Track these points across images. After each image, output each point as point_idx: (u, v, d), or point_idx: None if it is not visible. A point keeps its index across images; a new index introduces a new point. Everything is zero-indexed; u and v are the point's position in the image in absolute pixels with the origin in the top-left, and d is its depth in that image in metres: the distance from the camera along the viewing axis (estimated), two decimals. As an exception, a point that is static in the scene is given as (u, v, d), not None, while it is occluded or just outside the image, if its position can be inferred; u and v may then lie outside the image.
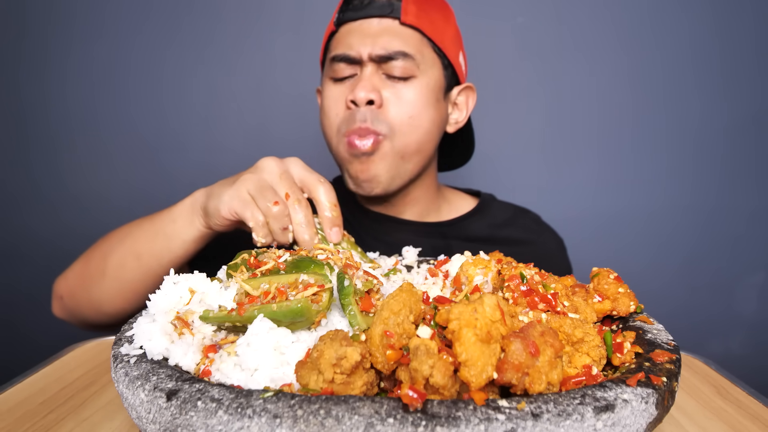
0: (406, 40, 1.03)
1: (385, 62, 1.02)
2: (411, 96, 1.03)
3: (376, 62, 1.02)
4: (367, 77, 1.02)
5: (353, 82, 1.04)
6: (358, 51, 1.02)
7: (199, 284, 0.59)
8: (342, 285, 0.55)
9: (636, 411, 0.43)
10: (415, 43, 1.03)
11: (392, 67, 1.02)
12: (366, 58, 1.02)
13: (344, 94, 1.04)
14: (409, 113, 1.03)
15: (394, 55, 1.01)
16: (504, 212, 1.24)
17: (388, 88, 1.03)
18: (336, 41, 1.07)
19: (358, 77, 1.04)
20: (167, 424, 0.42)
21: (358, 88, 1.00)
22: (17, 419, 0.63)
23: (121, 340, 0.55)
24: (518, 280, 0.58)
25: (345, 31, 1.05)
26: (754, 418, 0.66)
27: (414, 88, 1.03)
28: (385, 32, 1.02)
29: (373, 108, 1.01)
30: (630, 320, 0.64)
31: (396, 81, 1.03)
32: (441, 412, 0.40)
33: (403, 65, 1.02)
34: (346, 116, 1.03)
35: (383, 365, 0.45)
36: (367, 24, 1.03)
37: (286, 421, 0.39)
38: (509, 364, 0.42)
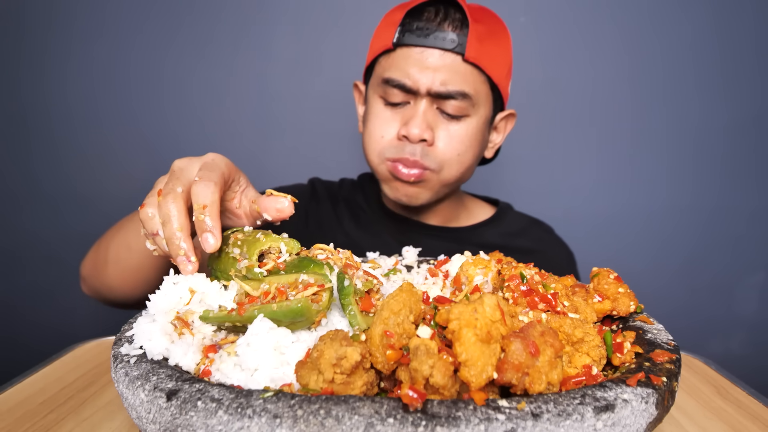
0: (466, 78, 1.01)
1: (442, 99, 1.01)
2: (462, 135, 1.04)
3: (432, 96, 1.02)
4: (421, 113, 1.02)
5: (406, 112, 1.04)
6: (416, 82, 1.00)
7: (199, 284, 0.59)
8: (342, 285, 0.55)
9: (636, 411, 0.43)
10: (473, 81, 1.02)
11: (448, 105, 1.02)
12: (423, 92, 1.01)
13: (395, 121, 1.05)
14: (458, 151, 1.05)
15: (453, 94, 1.00)
16: (518, 222, 1.28)
17: (440, 126, 1.04)
18: (392, 63, 1.04)
19: (411, 109, 1.04)
20: (167, 424, 0.42)
21: (413, 125, 1.01)
22: (17, 419, 0.63)
23: (121, 340, 0.55)
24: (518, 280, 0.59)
25: (404, 55, 1.02)
26: (754, 418, 0.67)
27: (466, 127, 1.04)
28: (446, 68, 1.00)
29: (424, 145, 1.03)
30: (630, 320, 0.64)
31: (448, 119, 1.04)
32: (441, 412, 0.40)
33: (459, 105, 1.02)
34: (395, 144, 1.05)
35: (383, 365, 0.45)
36: (428, 54, 1.00)
37: (286, 421, 0.39)
38: (509, 364, 0.42)
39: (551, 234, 1.31)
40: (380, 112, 1.07)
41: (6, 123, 1.70)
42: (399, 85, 1.02)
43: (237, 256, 0.60)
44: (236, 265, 0.59)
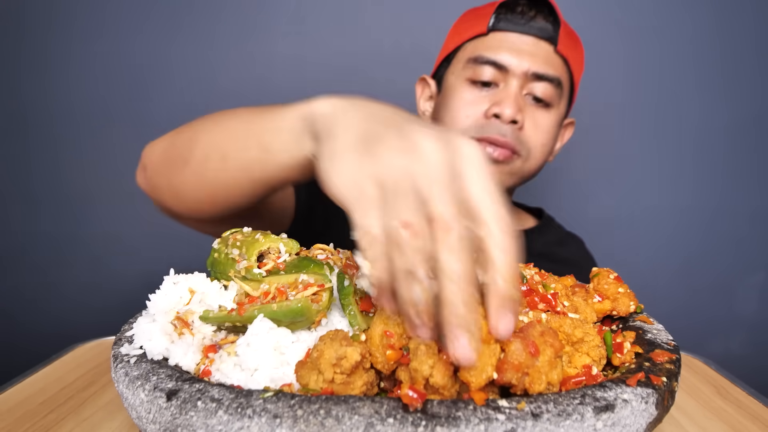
0: (558, 68, 1.03)
1: (534, 81, 1.01)
2: (547, 124, 1.04)
3: (523, 79, 1.01)
4: (514, 94, 1.00)
5: (495, 93, 1.02)
6: (510, 62, 1.00)
7: (199, 284, 0.59)
8: (342, 285, 0.55)
9: (636, 411, 0.43)
10: (563, 73, 1.05)
11: (539, 89, 1.02)
12: (518, 72, 1.00)
13: (482, 101, 1.03)
14: (543, 141, 1.05)
15: (549, 77, 1.01)
16: (558, 233, 1.30)
17: (528, 112, 1.03)
18: (485, 45, 1.04)
19: (501, 90, 1.02)
20: (167, 424, 0.43)
21: (506, 105, 0.99)
22: (17, 419, 0.63)
23: (121, 340, 0.55)
24: (518, 280, 0.58)
25: (498, 38, 1.03)
26: (754, 418, 0.67)
27: (550, 116, 1.05)
28: (541, 53, 1.02)
29: (515, 127, 1.01)
30: (630, 320, 0.64)
31: (536, 106, 1.04)
32: (441, 412, 0.40)
33: (551, 91, 1.02)
34: (482, 123, 1.02)
35: (383, 365, 0.45)
36: (524, 40, 1.02)
37: (286, 421, 0.39)
38: (509, 364, 0.42)
39: (583, 248, 1.34)
40: (465, 92, 1.04)
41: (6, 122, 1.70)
42: (491, 62, 1.01)
43: (236, 257, 0.60)
44: (235, 265, 0.59)
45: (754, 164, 1.73)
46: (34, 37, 1.66)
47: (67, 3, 1.63)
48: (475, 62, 1.03)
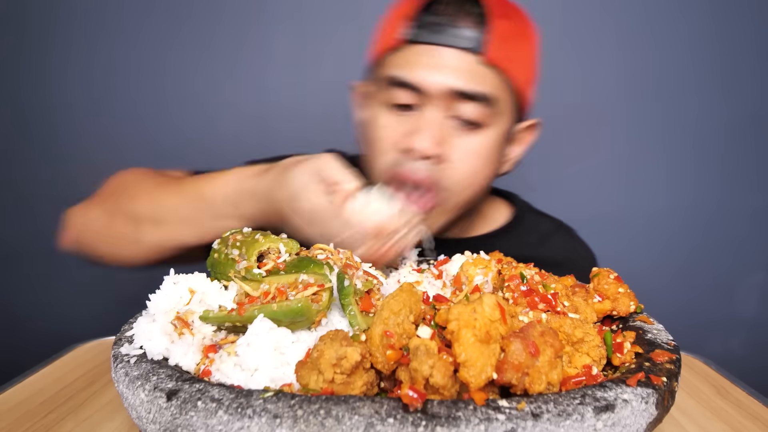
0: (486, 81, 0.87)
1: (458, 101, 0.87)
2: (476, 150, 0.90)
3: (445, 100, 0.87)
4: (431, 123, 0.87)
5: (413, 119, 0.90)
6: (426, 82, 0.86)
7: (199, 284, 0.59)
8: (342, 285, 0.55)
9: (636, 411, 0.43)
10: (494, 86, 0.88)
11: (464, 110, 0.88)
12: (438, 93, 0.87)
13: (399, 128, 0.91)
14: (471, 171, 0.91)
15: (474, 95, 0.86)
16: (539, 228, 1.14)
17: (453, 139, 0.89)
18: (399, 61, 0.90)
19: (419, 116, 0.89)
20: (167, 424, 0.42)
21: (422, 137, 0.86)
22: (17, 419, 0.63)
23: (121, 340, 0.55)
24: (518, 280, 0.59)
25: (413, 52, 0.88)
26: (754, 418, 0.67)
27: (483, 139, 0.90)
28: (463, 67, 0.86)
29: (432, 162, 0.88)
30: (630, 320, 0.64)
31: (466, 129, 0.89)
32: (441, 412, 0.40)
33: (477, 111, 0.88)
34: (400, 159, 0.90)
35: (383, 365, 0.45)
36: (442, 52, 0.87)
37: (286, 421, 0.39)
38: (509, 364, 0.42)
39: (574, 238, 1.18)
40: (383, 120, 0.93)
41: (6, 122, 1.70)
42: (406, 84, 0.88)
43: (236, 257, 0.60)
44: (235, 266, 0.59)
45: (754, 164, 1.73)
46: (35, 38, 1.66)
47: (67, 4, 1.63)
48: (391, 84, 0.90)
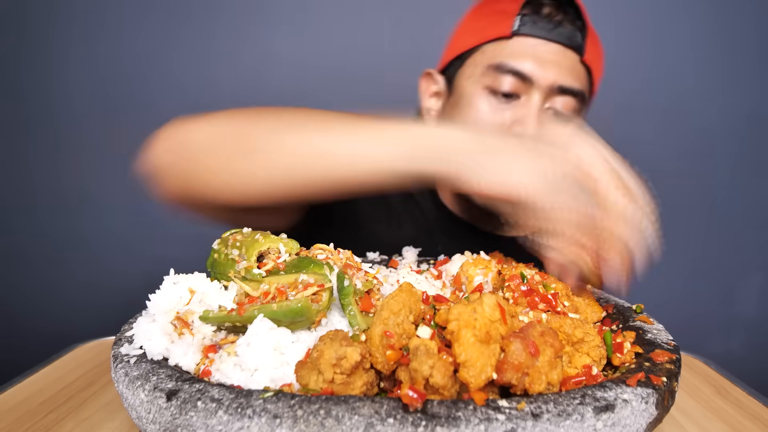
0: (582, 80, 0.95)
1: (558, 95, 0.93)
2: None
3: (548, 92, 0.92)
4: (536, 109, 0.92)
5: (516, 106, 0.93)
6: (535, 73, 0.91)
7: (199, 284, 0.59)
8: (342, 285, 0.55)
9: (636, 411, 0.43)
10: (586, 84, 0.97)
11: (561, 103, 0.93)
12: (543, 85, 0.91)
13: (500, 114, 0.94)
14: None
15: (576, 91, 0.93)
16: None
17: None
18: (508, 50, 0.94)
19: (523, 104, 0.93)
20: (167, 424, 0.42)
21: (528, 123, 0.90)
22: (17, 419, 0.63)
23: (121, 340, 0.55)
24: (518, 280, 0.59)
25: (522, 43, 0.93)
26: (754, 418, 0.67)
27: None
28: (568, 63, 0.92)
29: None
30: (630, 320, 0.64)
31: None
32: (441, 412, 0.40)
33: (573, 105, 0.94)
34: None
35: (383, 365, 0.45)
36: (551, 48, 0.92)
37: (286, 421, 0.39)
38: (509, 365, 0.42)
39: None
40: (483, 103, 0.95)
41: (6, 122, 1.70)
42: (514, 71, 0.91)
43: (236, 257, 0.60)
44: (235, 266, 0.59)
45: (754, 164, 1.73)
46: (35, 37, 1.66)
47: (67, 4, 1.63)
48: (497, 70, 0.93)
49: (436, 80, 1.07)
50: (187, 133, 0.75)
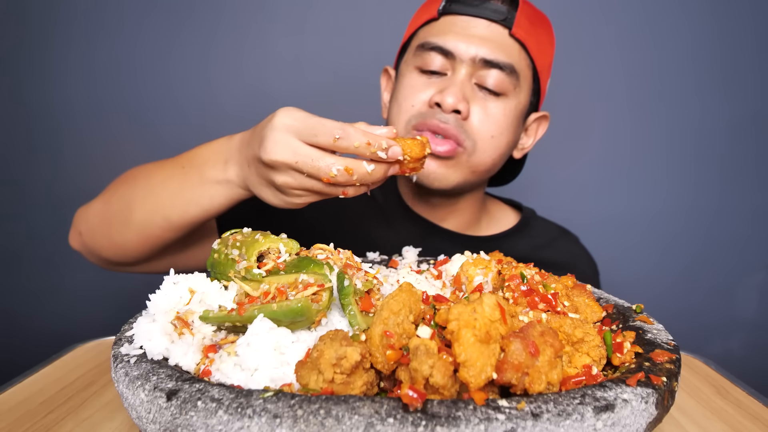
0: (512, 54, 0.95)
1: (484, 69, 0.94)
2: (498, 114, 0.96)
3: (473, 66, 0.94)
4: (459, 83, 0.94)
5: (442, 81, 0.96)
6: (458, 48, 0.93)
7: (199, 284, 0.59)
8: (342, 285, 0.55)
9: (636, 411, 0.43)
10: (519, 59, 0.96)
11: (489, 77, 0.94)
12: (466, 59, 0.94)
13: (428, 89, 0.96)
14: (492, 132, 0.97)
15: (500, 64, 0.93)
16: (545, 232, 1.20)
17: (477, 101, 0.95)
18: (434, 30, 0.97)
19: (448, 79, 0.96)
20: (167, 424, 0.42)
21: (448, 93, 0.92)
22: (17, 419, 0.63)
23: (121, 340, 0.55)
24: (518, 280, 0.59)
25: (448, 22, 0.96)
26: (754, 418, 0.66)
27: (503, 106, 0.97)
28: (493, 38, 0.94)
29: (458, 117, 0.94)
30: (630, 320, 0.64)
31: (487, 94, 0.96)
32: (441, 412, 0.40)
33: (501, 79, 0.94)
34: (424, 112, 0.96)
35: (383, 365, 0.45)
36: (475, 23, 0.95)
37: (286, 421, 0.39)
38: (509, 364, 0.42)
39: (578, 245, 1.24)
40: (413, 80, 0.98)
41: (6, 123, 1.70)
42: (438, 48, 0.95)
43: (236, 257, 0.60)
44: (235, 266, 0.59)
45: (754, 164, 1.73)
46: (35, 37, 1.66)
47: (67, 4, 1.63)
48: (422, 48, 0.97)
49: (391, 76, 1.12)
50: (82, 220, 0.94)
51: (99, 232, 0.91)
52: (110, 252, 0.92)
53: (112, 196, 0.92)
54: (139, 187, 0.88)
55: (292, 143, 0.67)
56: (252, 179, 0.76)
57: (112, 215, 0.90)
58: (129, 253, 0.91)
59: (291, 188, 0.71)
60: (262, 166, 0.71)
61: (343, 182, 0.67)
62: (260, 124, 0.73)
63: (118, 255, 0.92)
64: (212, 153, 0.82)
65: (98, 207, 0.93)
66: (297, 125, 0.67)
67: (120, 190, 0.91)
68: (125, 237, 0.88)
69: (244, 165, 0.76)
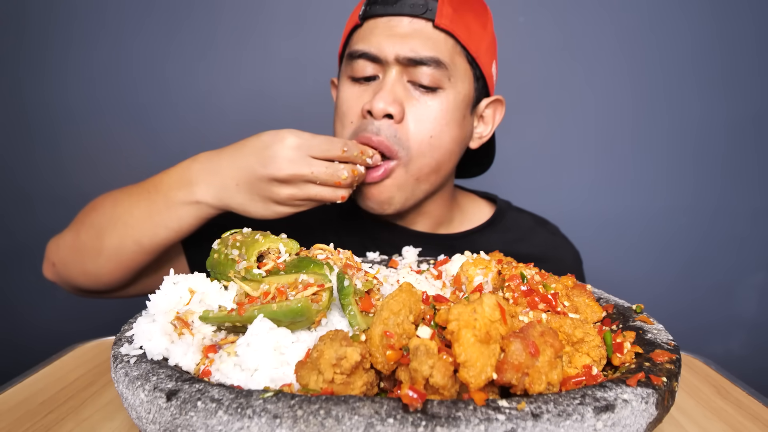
0: (438, 45, 0.92)
1: (413, 67, 0.92)
2: (435, 111, 0.93)
3: (402, 66, 0.92)
4: (389, 85, 0.92)
5: (374, 86, 0.95)
6: (382, 50, 0.91)
7: (199, 284, 0.59)
8: (342, 285, 0.54)
9: (636, 411, 0.43)
10: (447, 50, 0.93)
11: (420, 74, 0.92)
12: (392, 60, 0.91)
13: (362, 98, 0.95)
14: (431, 132, 0.93)
15: (425, 60, 0.91)
16: (521, 224, 1.16)
17: (411, 101, 0.93)
18: (359, 36, 0.96)
19: (380, 82, 0.94)
20: (167, 424, 0.42)
21: (378, 98, 0.90)
22: (17, 419, 0.63)
23: (121, 340, 0.55)
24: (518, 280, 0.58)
25: (370, 26, 0.94)
26: (754, 418, 0.66)
27: (440, 101, 0.93)
28: (416, 34, 0.91)
29: (392, 123, 0.91)
30: (630, 320, 0.64)
31: (422, 92, 0.93)
32: (441, 412, 0.40)
33: (432, 73, 0.91)
34: (359, 125, 0.94)
35: (383, 365, 0.45)
36: (396, 22, 0.92)
37: (286, 422, 0.39)
38: (509, 365, 0.42)
39: (557, 235, 1.20)
40: (347, 92, 0.97)
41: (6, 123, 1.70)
42: (365, 55, 0.93)
43: (236, 257, 0.60)
44: (235, 266, 0.59)
45: (754, 165, 1.73)
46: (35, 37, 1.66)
47: (67, 4, 1.63)
48: (351, 57, 0.95)
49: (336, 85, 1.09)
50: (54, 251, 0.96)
51: (72, 263, 0.94)
52: (84, 281, 0.94)
53: (81, 226, 0.94)
54: (108, 216, 0.92)
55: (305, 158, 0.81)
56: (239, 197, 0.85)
57: (83, 245, 0.92)
58: (103, 280, 0.93)
59: (296, 199, 0.84)
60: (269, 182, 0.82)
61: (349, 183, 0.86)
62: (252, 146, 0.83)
63: (93, 283, 0.94)
64: (177, 177, 0.88)
65: (69, 238, 0.95)
66: (308, 143, 0.81)
67: (88, 220, 0.94)
68: (98, 265, 0.91)
69: (229, 185, 0.85)
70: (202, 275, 0.61)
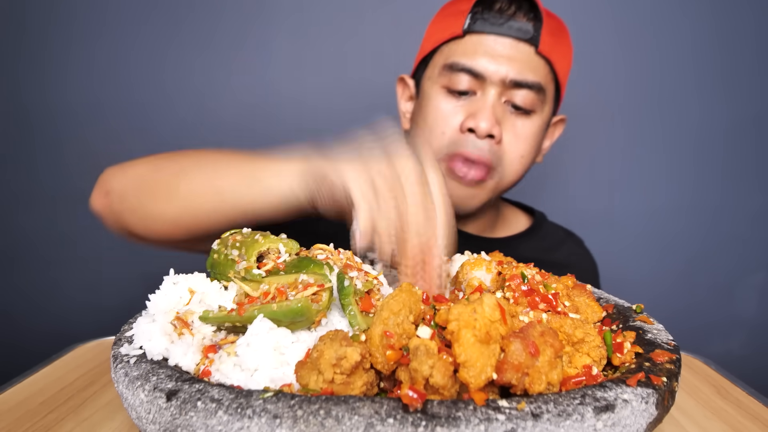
0: (539, 71, 0.96)
1: (513, 89, 0.95)
2: (528, 134, 0.98)
3: (502, 87, 0.95)
4: (490, 105, 0.94)
5: (471, 104, 0.96)
6: (487, 69, 0.94)
7: (199, 284, 0.59)
8: (342, 285, 0.55)
9: (636, 411, 0.43)
10: (545, 76, 0.97)
11: (519, 96, 0.95)
12: (496, 80, 0.94)
13: (457, 114, 0.97)
14: (522, 153, 0.99)
15: (529, 84, 0.94)
16: (553, 235, 1.24)
17: (507, 122, 0.97)
18: (461, 49, 0.97)
19: (478, 100, 0.96)
20: (167, 424, 0.42)
21: (482, 118, 0.93)
22: (17, 419, 0.63)
23: (121, 340, 0.55)
24: (519, 280, 0.59)
25: (474, 41, 0.96)
26: (754, 418, 0.66)
27: (532, 124, 0.98)
28: (520, 57, 0.94)
29: (493, 143, 0.95)
30: (630, 320, 0.64)
31: (516, 114, 0.97)
32: (441, 412, 0.40)
33: (531, 98, 0.96)
34: (456, 139, 0.96)
35: (383, 365, 0.45)
36: (502, 43, 0.94)
37: (286, 422, 0.39)
38: (509, 365, 0.42)
39: (582, 247, 1.29)
40: (442, 103, 0.98)
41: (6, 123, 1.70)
42: (467, 70, 0.95)
43: (235, 258, 0.60)
44: (235, 266, 0.59)
45: (754, 165, 1.73)
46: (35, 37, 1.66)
47: (67, 4, 1.63)
48: (451, 69, 0.97)
49: (408, 85, 1.12)
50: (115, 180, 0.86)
51: (133, 196, 0.83)
52: (135, 221, 0.84)
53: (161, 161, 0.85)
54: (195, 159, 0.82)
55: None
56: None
57: (156, 182, 0.82)
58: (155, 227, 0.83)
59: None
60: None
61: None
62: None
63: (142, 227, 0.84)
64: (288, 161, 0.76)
65: (142, 168, 0.85)
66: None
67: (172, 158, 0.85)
68: (163, 208, 0.81)
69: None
70: (202, 275, 0.61)
